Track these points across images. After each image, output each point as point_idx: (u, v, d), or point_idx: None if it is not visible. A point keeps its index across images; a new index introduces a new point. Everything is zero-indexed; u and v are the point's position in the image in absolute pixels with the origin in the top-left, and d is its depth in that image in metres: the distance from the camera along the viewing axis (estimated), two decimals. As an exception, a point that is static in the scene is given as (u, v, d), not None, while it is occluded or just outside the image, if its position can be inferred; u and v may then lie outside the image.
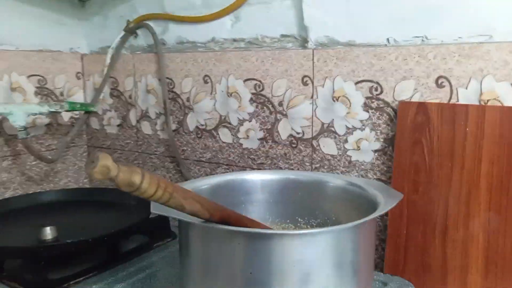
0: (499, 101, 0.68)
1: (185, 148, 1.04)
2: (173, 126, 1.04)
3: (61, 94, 1.17)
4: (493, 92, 0.68)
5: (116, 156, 1.17)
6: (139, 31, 1.10)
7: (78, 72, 1.20)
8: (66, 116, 1.18)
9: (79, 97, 1.21)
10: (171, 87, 1.04)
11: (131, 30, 1.10)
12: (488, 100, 0.68)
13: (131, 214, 0.84)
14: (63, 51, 1.17)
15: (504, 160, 0.65)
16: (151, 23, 1.06)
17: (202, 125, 1.00)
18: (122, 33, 1.11)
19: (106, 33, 1.16)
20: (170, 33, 1.04)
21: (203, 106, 0.99)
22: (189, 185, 0.62)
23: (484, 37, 0.69)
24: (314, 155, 0.86)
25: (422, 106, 0.72)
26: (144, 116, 1.10)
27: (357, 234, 0.49)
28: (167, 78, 1.04)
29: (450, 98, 0.71)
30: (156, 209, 0.52)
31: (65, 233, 0.74)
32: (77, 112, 1.19)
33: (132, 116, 1.13)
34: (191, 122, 1.02)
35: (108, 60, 1.13)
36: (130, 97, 1.12)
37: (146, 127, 1.11)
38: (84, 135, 1.24)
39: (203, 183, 0.66)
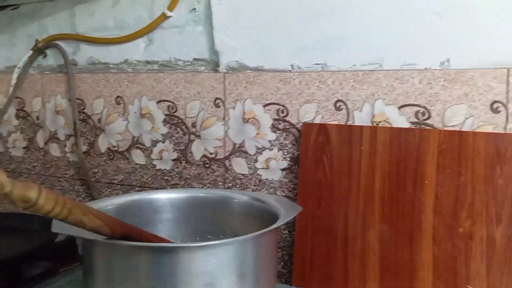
0: (389, 122, 0.75)
1: (96, 170, 1.01)
2: (84, 148, 1.02)
3: (-40, 114, 1.10)
4: (383, 115, 0.75)
5: (22, 180, 1.11)
6: (48, 51, 1.07)
7: (-20, 92, 1.14)
8: (-36, 138, 1.11)
9: (-20, 118, 1.14)
10: (82, 108, 1.02)
11: (40, 50, 1.07)
12: (379, 122, 0.76)
13: (34, 238, 0.80)
14: (-37, 69, 1.10)
15: (393, 176, 0.72)
16: (61, 43, 1.04)
17: (114, 146, 0.99)
18: (30, 52, 1.08)
19: (13, 52, 1.12)
20: (81, 54, 1.03)
21: (115, 127, 0.98)
22: (94, 206, 0.61)
23: (374, 65, 0.76)
24: (227, 175, 0.88)
25: (323, 127, 0.77)
26: (53, 137, 1.06)
27: (257, 245, 0.52)
28: (78, 99, 1.02)
29: (347, 119, 0.78)
30: (57, 229, 0.51)
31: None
32: (-23, 134, 1.12)
33: (40, 138, 1.08)
34: (103, 143, 1.00)
35: (14, 80, 1.09)
36: (37, 118, 1.08)
37: (54, 149, 1.07)
38: (-15, 158, 1.16)
39: (109, 203, 0.66)
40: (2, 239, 0.84)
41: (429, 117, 0.73)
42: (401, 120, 0.74)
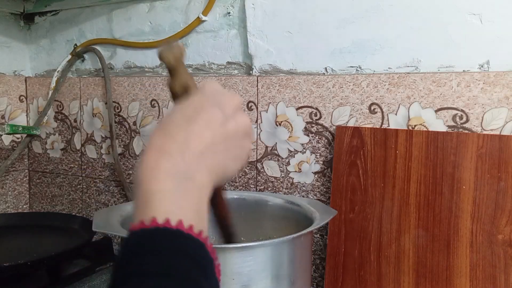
0: (425, 126, 0.74)
1: (130, 172, 1.04)
2: (119, 150, 1.04)
3: (2, 117, 1.14)
4: (419, 118, 0.74)
5: (59, 180, 1.15)
6: (86, 55, 1.10)
7: (21, 95, 1.18)
8: (7, 139, 1.15)
9: (21, 120, 1.18)
10: (118, 110, 1.04)
11: (78, 54, 1.10)
12: (415, 125, 0.75)
13: (73, 237, 0.82)
14: (6, 73, 1.15)
15: (430, 180, 0.71)
16: (99, 48, 1.07)
17: (149, 148, 1.01)
18: (69, 56, 1.11)
19: (53, 56, 1.15)
20: (118, 58, 1.05)
21: (150, 130, 1.00)
22: (128, 207, 0.62)
23: (410, 68, 0.75)
24: (259, 177, 0.89)
25: (357, 131, 0.77)
26: (89, 140, 1.09)
27: (293, 247, 0.52)
28: (114, 102, 1.04)
29: (382, 123, 0.77)
30: (97, 228, 0.52)
31: (4, 257, 0.71)
32: (18, 136, 1.16)
33: (77, 140, 1.12)
34: (137, 145, 1.02)
35: (53, 83, 1.13)
36: (75, 120, 1.11)
37: (91, 151, 1.10)
38: (25, 159, 1.20)
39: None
40: (44, 237, 0.87)
41: (467, 121, 0.71)
42: (438, 124, 0.73)
